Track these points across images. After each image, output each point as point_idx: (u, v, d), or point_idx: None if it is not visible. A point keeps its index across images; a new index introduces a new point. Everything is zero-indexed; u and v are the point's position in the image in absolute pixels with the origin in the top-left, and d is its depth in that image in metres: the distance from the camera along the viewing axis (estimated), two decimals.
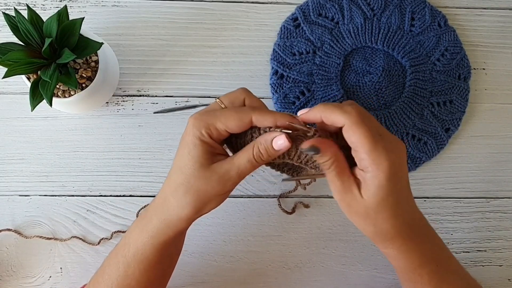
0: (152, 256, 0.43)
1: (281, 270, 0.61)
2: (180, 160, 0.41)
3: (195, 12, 0.64)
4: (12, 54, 0.48)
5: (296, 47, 0.63)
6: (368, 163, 0.38)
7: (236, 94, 0.42)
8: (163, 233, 0.42)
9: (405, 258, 0.43)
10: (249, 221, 0.62)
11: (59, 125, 0.61)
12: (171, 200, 0.41)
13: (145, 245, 0.43)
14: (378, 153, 0.37)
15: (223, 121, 0.39)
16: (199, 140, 0.40)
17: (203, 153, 0.40)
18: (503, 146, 0.65)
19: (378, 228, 0.41)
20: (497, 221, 0.64)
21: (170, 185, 0.41)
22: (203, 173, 0.40)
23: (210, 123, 0.39)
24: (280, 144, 0.39)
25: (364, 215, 0.40)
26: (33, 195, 0.60)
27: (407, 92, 0.62)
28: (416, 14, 0.65)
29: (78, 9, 0.63)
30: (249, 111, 0.40)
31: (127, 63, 0.63)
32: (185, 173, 0.40)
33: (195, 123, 0.40)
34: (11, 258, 0.59)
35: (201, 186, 0.40)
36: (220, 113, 0.40)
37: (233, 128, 0.40)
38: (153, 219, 0.42)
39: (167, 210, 0.41)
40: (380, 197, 0.39)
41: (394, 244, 0.42)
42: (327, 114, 0.39)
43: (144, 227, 0.43)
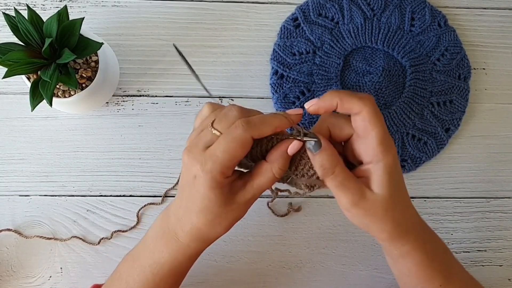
0: (187, 269, 0.46)
1: (281, 270, 0.61)
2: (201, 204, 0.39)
3: (195, 12, 0.64)
4: (12, 54, 0.48)
5: (296, 47, 0.63)
6: (379, 150, 0.38)
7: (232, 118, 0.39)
8: (200, 251, 0.45)
9: (422, 251, 0.43)
10: (249, 221, 0.62)
11: (59, 125, 0.61)
12: (206, 230, 0.41)
13: (183, 263, 0.44)
14: (388, 141, 0.38)
15: (229, 156, 0.37)
16: (217, 189, 0.38)
17: (224, 195, 0.39)
18: (503, 146, 0.65)
19: (396, 222, 0.41)
20: (497, 221, 0.64)
21: (200, 221, 0.40)
22: (231, 207, 0.40)
23: (221, 168, 0.37)
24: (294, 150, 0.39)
25: (382, 212, 0.40)
26: (33, 195, 0.60)
27: (407, 92, 0.62)
28: (416, 14, 0.65)
29: (78, 9, 0.63)
30: (246, 134, 0.37)
31: (127, 63, 0.63)
32: (213, 213, 0.40)
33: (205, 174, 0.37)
34: (11, 258, 0.59)
35: (231, 217, 0.41)
36: (221, 151, 0.37)
37: (241, 156, 0.38)
38: (192, 245, 0.43)
39: (205, 236, 0.42)
40: (394, 185, 0.39)
41: (410, 238, 0.42)
42: (344, 100, 0.38)
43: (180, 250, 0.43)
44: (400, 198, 0.41)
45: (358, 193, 0.39)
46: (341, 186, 0.39)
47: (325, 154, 0.39)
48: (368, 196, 0.39)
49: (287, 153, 0.39)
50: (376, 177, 0.39)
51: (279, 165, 0.39)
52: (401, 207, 0.41)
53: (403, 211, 0.41)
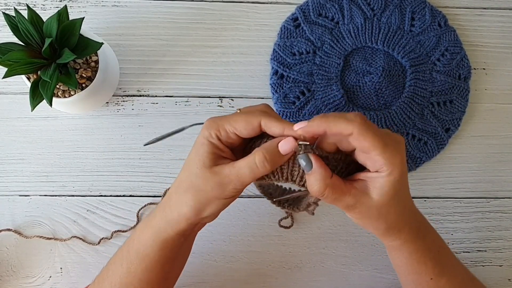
0: (153, 254, 0.43)
1: (281, 270, 0.61)
2: (188, 159, 0.42)
3: (195, 12, 0.64)
4: (12, 54, 0.48)
5: (296, 47, 0.63)
6: (382, 163, 0.38)
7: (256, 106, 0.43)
8: (163, 231, 0.42)
9: (411, 247, 0.44)
10: (249, 221, 0.62)
11: (59, 125, 0.61)
12: (173, 196, 0.42)
13: (147, 241, 0.43)
14: (390, 152, 0.38)
15: (232, 123, 0.40)
16: (206, 140, 0.40)
17: (208, 153, 0.40)
18: (503, 146, 0.65)
19: (389, 223, 0.42)
20: (497, 221, 0.64)
21: (175, 182, 0.42)
22: (204, 173, 0.40)
23: (220, 124, 0.40)
24: (287, 147, 0.39)
25: (376, 215, 0.41)
26: (33, 195, 0.60)
27: (407, 92, 0.62)
28: (416, 14, 0.65)
29: (78, 9, 0.63)
30: (258, 115, 0.40)
31: (127, 63, 0.63)
32: (189, 171, 0.41)
33: (207, 125, 0.41)
34: (11, 258, 0.59)
35: (201, 186, 0.40)
36: (231, 116, 0.41)
37: (241, 130, 0.40)
38: (157, 215, 0.43)
39: (169, 207, 0.42)
40: (394, 193, 0.39)
41: (401, 234, 0.43)
42: (331, 125, 0.38)
43: (148, 223, 0.44)
44: (398, 203, 0.41)
45: (352, 203, 0.40)
46: (334, 201, 0.40)
47: (313, 177, 0.39)
48: (363, 201, 0.40)
49: (277, 146, 0.39)
50: (379, 184, 0.39)
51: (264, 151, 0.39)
52: (396, 210, 0.41)
53: (398, 213, 0.41)
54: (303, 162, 0.39)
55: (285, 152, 0.39)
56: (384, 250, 0.59)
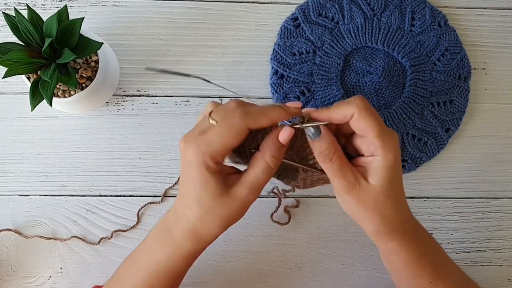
0: (182, 270, 0.45)
1: (281, 270, 0.61)
2: (195, 193, 0.39)
3: (195, 12, 0.64)
4: (12, 54, 0.48)
5: (296, 47, 0.63)
6: (378, 145, 0.39)
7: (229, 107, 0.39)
8: (195, 251, 0.43)
9: (408, 250, 0.44)
10: (249, 221, 0.62)
11: (59, 125, 0.61)
12: (200, 226, 0.41)
13: (177, 263, 0.43)
14: (387, 136, 0.39)
15: (222, 143, 0.38)
16: (209, 174, 0.38)
17: (216, 184, 0.39)
18: (503, 146, 0.65)
19: (385, 217, 0.41)
20: (497, 221, 0.64)
21: (194, 214, 0.40)
22: (224, 201, 0.40)
23: (212, 152, 0.38)
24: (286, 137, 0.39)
25: (372, 204, 0.40)
26: (33, 195, 0.60)
27: (407, 92, 0.62)
28: (416, 14, 0.65)
29: (78, 9, 0.63)
30: (242, 123, 0.38)
31: (127, 63, 0.63)
32: (206, 205, 0.39)
33: (198, 158, 0.38)
34: (11, 258, 0.59)
35: (227, 212, 0.40)
36: (215, 136, 0.38)
37: (234, 144, 0.38)
38: (186, 243, 0.42)
39: (199, 235, 0.42)
40: (390, 179, 0.40)
41: (397, 235, 0.43)
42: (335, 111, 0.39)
43: (174, 248, 0.43)
44: (393, 193, 0.41)
45: (352, 180, 0.40)
46: (337, 172, 0.40)
47: (324, 141, 0.39)
48: (362, 185, 0.40)
49: (278, 141, 0.39)
50: (374, 169, 0.40)
51: (271, 151, 0.39)
52: (392, 202, 0.41)
53: (394, 207, 0.41)
54: (311, 129, 0.40)
55: (286, 141, 0.40)
56: None
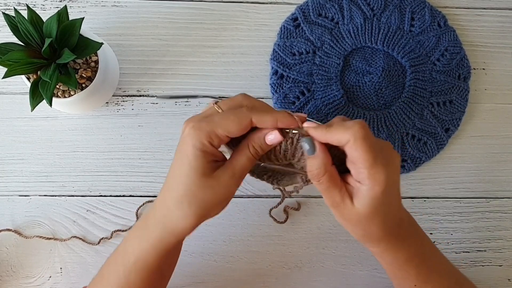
0: (154, 263, 0.43)
1: (281, 270, 0.61)
2: (180, 170, 0.39)
3: (195, 12, 0.64)
4: (12, 54, 0.48)
5: (296, 47, 0.63)
6: (366, 176, 0.38)
7: (236, 100, 0.41)
8: (166, 242, 0.42)
9: (391, 256, 0.45)
10: (249, 221, 0.62)
11: (59, 125, 0.61)
12: (175, 211, 0.40)
13: (148, 254, 0.42)
14: (377, 169, 0.38)
15: (224, 126, 0.38)
16: (200, 151, 0.38)
17: (205, 163, 0.39)
18: (503, 146, 0.65)
19: (367, 232, 0.42)
20: (497, 221, 0.64)
21: (172, 196, 0.40)
22: (207, 183, 0.39)
23: (210, 130, 0.38)
24: (272, 139, 0.40)
25: (355, 221, 0.41)
26: (33, 195, 0.60)
27: (407, 92, 0.62)
28: (416, 14, 0.65)
29: (78, 9, 0.63)
30: (248, 113, 0.39)
31: (127, 63, 0.63)
32: (188, 184, 0.39)
33: (194, 133, 0.38)
34: (11, 258, 0.59)
35: (206, 196, 0.39)
36: (219, 119, 0.39)
37: (234, 132, 0.39)
38: (156, 229, 0.41)
39: (171, 221, 0.41)
40: (373, 207, 0.39)
41: (380, 243, 0.43)
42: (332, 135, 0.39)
43: (145, 237, 0.42)
44: (379, 216, 0.40)
45: (338, 200, 0.40)
46: (324, 192, 0.41)
47: (316, 161, 0.39)
48: (346, 205, 0.40)
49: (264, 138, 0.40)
50: (360, 194, 0.39)
51: (254, 144, 0.40)
52: (376, 223, 0.41)
53: (378, 226, 0.41)
54: (307, 146, 0.39)
55: (271, 142, 0.40)
56: None
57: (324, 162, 0.39)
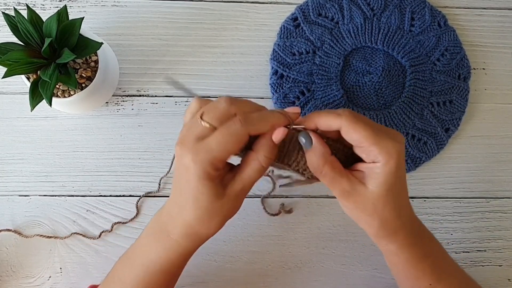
0: (179, 268, 0.45)
1: (281, 270, 0.61)
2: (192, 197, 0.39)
3: (195, 12, 0.64)
4: (12, 54, 0.48)
5: (296, 47, 0.63)
6: (377, 152, 0.38)
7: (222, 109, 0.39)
8: (192, 249, 0.44)
9: (408, 253, 0.44)
10: (249, 221, 0.62)
11: (59, 125, 0.61)
12: (197, 226, 0.41)
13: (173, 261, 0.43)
14: (385, 141, 0.38)
15: (223, 150, 0.37)
16: (208, 181, 0.38)
17: (215, 188, 0.39)
18: (503, 146, 0.65)
19: (384, 221, 0.41)
20: (497, 221, 0.64)
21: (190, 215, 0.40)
22: (221, 202, 0.39)
23: (212, 158, 0.37)
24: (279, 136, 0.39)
25: (371, 209, 0.40)
26: (33, 195, 0.60)
27: (407, 92, 0.62)
28: (416, 14, 0.65)
29: (78, 9, 0.63)
30: (243, 129, 0.37)
31: (127, 63, 0.63)
32: (203, 207, 0.39)
33: (196, 166, 0.37)
34: (11, 258, 0.59)
35: (224, 211, 0.40)
36: (216, 144, 0.37)
37: (235, 152, 0.38)
38: (182, 241, 0.42)
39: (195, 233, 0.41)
40: (389, 184, 0.39)
41: (397, 237, 0.43)
42: (322, 121, 0.39)
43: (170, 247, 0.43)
44: (394, 198, 0.40)
45: (348, 188, 0.40)
46: (331, 183, 0.40)
47: (314, 153, 0.39)
48: (359, 191, 0.40)
49: (272, 141, 0.39)
50: (374, 174, 0.39)
51: (264, 153, 0.39)
52: (392, 207, 0.40)
53: (394, 212, 0.41)
54: (303, 140, 0.40)
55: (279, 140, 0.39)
56: None
57: (322, 152, 0.39)
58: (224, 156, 0.38)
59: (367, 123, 0.38)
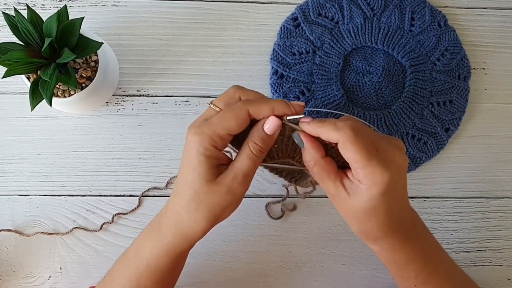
0: (167, 267, 0.44)
1: (281, 270, 0.61)
2: (186, 176, 0.40)
3: (195, 12, 0.64)
4: (12, 54, 0.48)
5: (296, 47, 0.63)
6: (362, 177, 0.38)
7: (230, 93, 0.41)
8: (178, 247, 0.43)
9: (389, 256, 0.44)
10: (249, 221, 0.62)
11: (59, 125, 0.61)
12: (184, 216, 0.41)
13: (160, 258, 0.43)
14: (372, 169, 0.37)
15: (223, 125, 0.39)
16: (203, 156, 0.39)
17: (208, 168, 0.39)
18: (503, 146, 0.65)
19: (363, 229, 0.42)
20: (497, 221, 0.64)
21: (181, 200, 0.41)
22: (211, 188, 0.40)
23: (211, 133, 0.39)
24: (271, 126, 0.39)
25: (351, 216, 0.41)
26: (33, 195, 0.60)
27: (407, 92, 0.62)
28: (416, 14, 0.65)
29: (78, 9, 0.63)
30: (243, 106, 0.39)
31: (127, 63, 0.63)
32: (194, 188, 0.40)
33: (196, 139, 0.39)
34: (11, 258, 0.59)
35: (212, 200, 0.40)
36: (217, 119, 0.39)
37: (234, 128, 0.39)
38: (168, 234, 0.42)
39: (181, 226, 0.41)
40: (371, 207, 0.39)
41: (377, 242, 0.43)
42: (322, 132, 0.39)
43: (158, 241, 0.43)
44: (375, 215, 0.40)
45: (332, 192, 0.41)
46: (319, 181, 0.41)
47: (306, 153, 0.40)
48: (342, 198, 0.40)
49: (263, 130, 0.40)
50: (359, 192, 0.39)
51: (254, 139, 0.40)
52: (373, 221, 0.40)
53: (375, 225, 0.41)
54: (296, 140, 0.40)
55: (272, 132, 0.40)
56: None
57: (313, 155, 0.40)
58: (222, 131, 0.39)
59: (365, 143, 0.37)
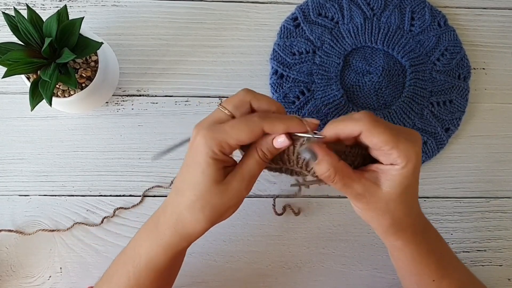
0: (165, 265, 0.44)
1: (281, 270, 0.61)
2: (192, 177, 0.40)
3: (195, 12, 0.64)
4: (12, 54, 0.48)
5: (296, 47, 0.63)
6: (397, 155, 0.38)
7: (240, 97, 0.41)
8: (177, 245, 0.43)
9: (413, 248, 0.44)
10: (249, 221, 0.62)
11: (59, 125, 0.61)
12: (187, 215, 0.41)
13: (159, 256, 0.43)
14: (404, 145, 0.38)
15: (235, 136, 0.39)
16: (212, 159, 0.39)
17: (216, 170, 0.39)
18: (503, 146, 0.65)
19: (395, 219, 0.41)
20: (497, 221, 0.64)
21: (184, 201, 0.41)
22: (219, 189, 0.40)
23: (222, 140, 0.39)
24: (280, 142, 0.40)
25: (383, 209, 0.41)
26: (33, 195, 0.60)
27: (407, 92, 0.62)
28: (416, 14, 0.65)
29: (78, 8, 0.63)
30: (259, 122, 0.39)
31: (127, 63, 0.63)
32: (200, 190, 0.40)
33: (206, 142, 0.39)
34: (11, 258, 0.59)
35: (218, 201, 0.40)
36: (230, 128, 0.39)
37: (245, 141, 0.39)
38: (167, 233, 0.42)
39: (183, 225, 0.41)
40: (404, 186, 0.39)
41: (405, 234, 0.43)
42: (341, 129, 0.39)
43: (156, 240, 0.43)
44: (406, 199, 0.41)
45: (360, 191, 0.40)
46: (343, 188, 0.40)
47: (322, 166, 0.39)
48: (372, 193, 0.40)
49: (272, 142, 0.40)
50: (390, 176, 0.39)
51: (262, 147, 0.40)
52: (404, 208, 0.41)
53: (405, 212, 0.41)
54: (307, 155, 0.40)
55: (280, 146, 0.40)
56: (384, 250, 0.59)
57: (330, 162, 0.39)
58: (233, 141, 0.39)
59: (386, 126, 0.38)
